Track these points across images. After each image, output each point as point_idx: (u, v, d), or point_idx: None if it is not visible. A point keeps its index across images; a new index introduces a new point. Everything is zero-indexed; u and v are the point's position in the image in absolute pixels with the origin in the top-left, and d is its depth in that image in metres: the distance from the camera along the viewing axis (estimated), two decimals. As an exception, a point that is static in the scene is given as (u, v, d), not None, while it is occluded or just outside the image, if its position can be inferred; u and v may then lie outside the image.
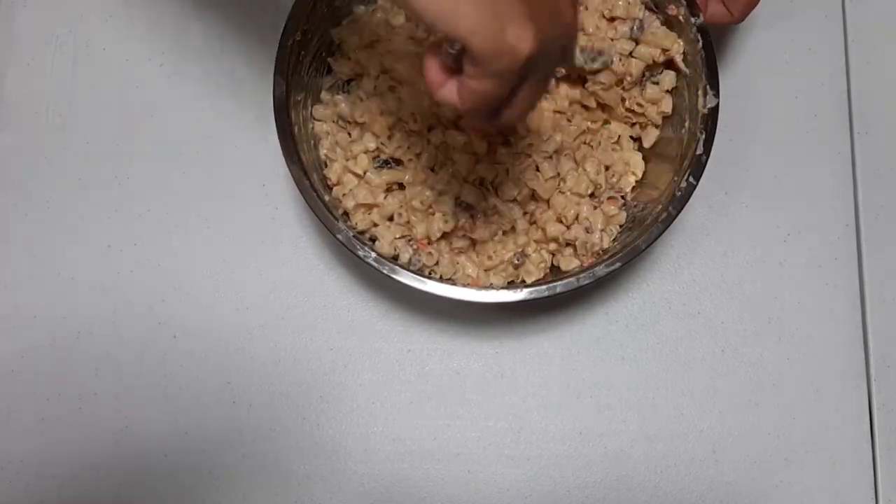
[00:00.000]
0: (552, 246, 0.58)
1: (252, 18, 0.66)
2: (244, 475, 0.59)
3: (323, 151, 0.59)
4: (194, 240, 0.63)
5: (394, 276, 0.52)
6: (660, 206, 0.55)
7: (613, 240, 0.57)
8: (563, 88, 0.59)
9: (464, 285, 0.53)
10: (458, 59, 0.40)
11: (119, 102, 0.65)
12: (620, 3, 0.57)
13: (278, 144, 0.54)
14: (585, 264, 0.55)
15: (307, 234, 0.63)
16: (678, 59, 0.57)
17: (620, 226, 0.58)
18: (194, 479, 0.59)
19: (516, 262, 0.56)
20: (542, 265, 0.57)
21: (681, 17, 0.56)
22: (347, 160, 0.58)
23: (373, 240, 0.57)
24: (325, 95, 0.60)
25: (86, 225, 0.63)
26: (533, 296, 0.52)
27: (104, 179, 0.64)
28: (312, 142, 0.58)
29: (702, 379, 0.61)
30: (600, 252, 0.56)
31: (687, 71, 0.57)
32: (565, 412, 0.60)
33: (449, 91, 0.41)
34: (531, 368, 0.61)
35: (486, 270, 0.57)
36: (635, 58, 0.57)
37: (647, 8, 0.58)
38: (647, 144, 0.59)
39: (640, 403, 0.60)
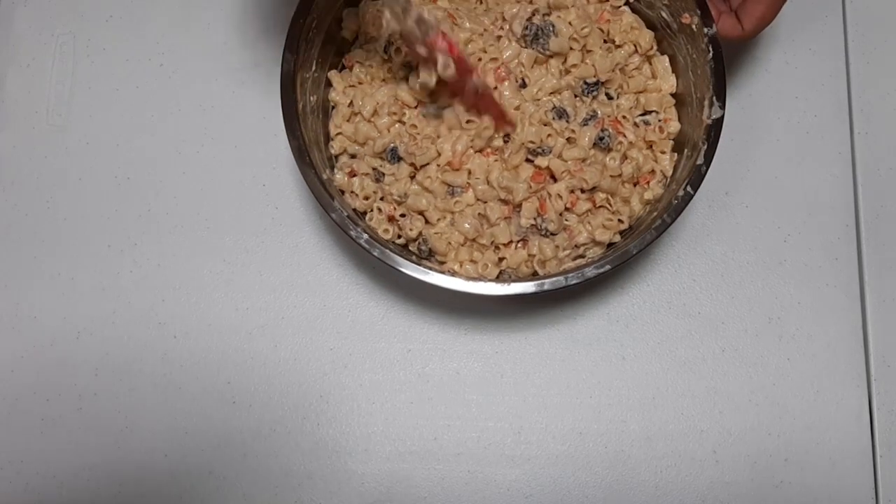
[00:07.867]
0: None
1: (253, 18, 0.66)
2: (244, 475, 0.59)
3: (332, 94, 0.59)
4: (194, 240, 0.63)
5: (384, 260, 0.52)
6: (655, 213, 0.55)
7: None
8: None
9: (440, 269, 0.53)
10: None
11: (119, 102, 0.66)
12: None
13: (279, 144, 0.54)
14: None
15: (307, 233, 0.63)
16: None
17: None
18: (194, 479, 0.59)
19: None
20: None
21: (693, 27, 0.55)
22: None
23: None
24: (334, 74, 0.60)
25: (86, 225, 0.63)
26: (520, 291, 0.52)
27: (104, 179, 0.64)
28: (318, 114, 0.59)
29: (702, 379, 0.61)
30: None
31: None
32: (565, 412, 0.60)
33: None
34: (531, 368, 0.61)
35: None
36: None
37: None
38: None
39: (640, 403, 0.60)
